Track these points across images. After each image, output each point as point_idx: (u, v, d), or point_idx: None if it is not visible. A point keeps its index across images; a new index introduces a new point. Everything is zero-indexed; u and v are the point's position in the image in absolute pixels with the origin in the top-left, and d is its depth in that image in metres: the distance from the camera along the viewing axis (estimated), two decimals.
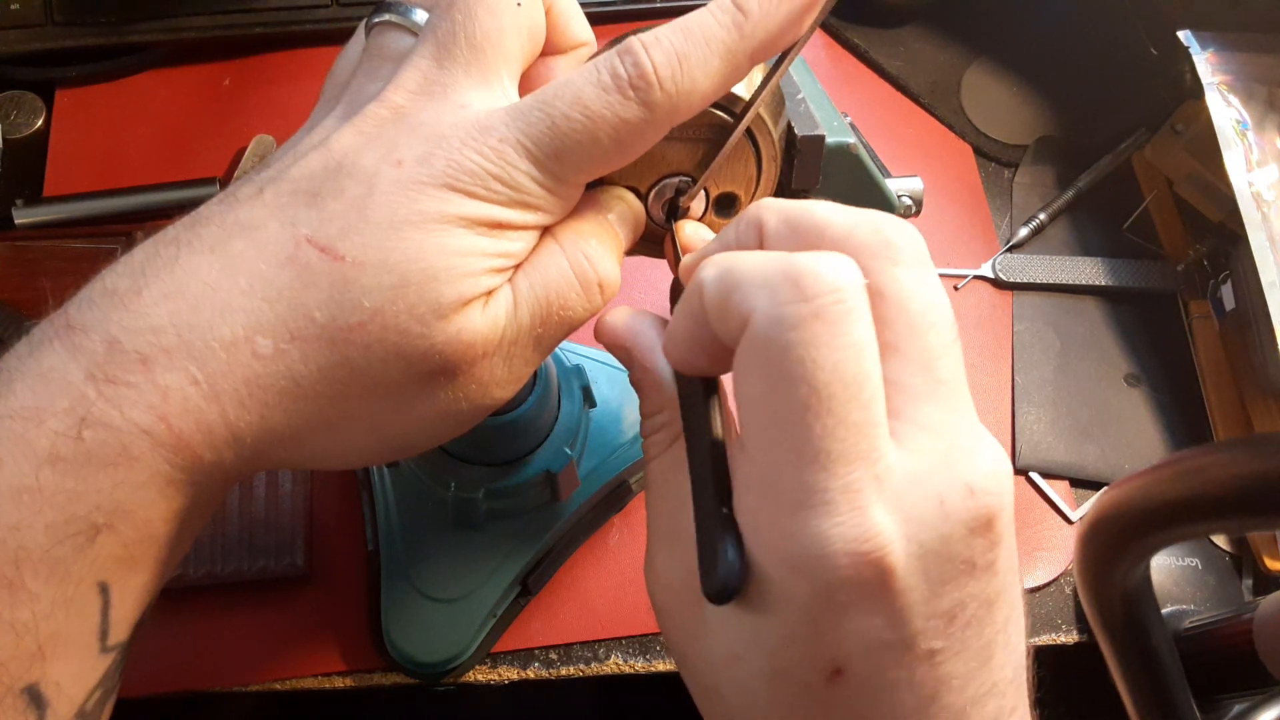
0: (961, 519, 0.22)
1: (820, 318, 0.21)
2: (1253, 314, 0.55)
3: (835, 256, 0.22)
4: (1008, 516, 0.23)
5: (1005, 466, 0.24)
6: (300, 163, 0.26)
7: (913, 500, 0.22)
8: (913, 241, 0.24)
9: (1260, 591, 0.54)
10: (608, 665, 0.50)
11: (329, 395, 0.26)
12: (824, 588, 0.22)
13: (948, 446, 0.23)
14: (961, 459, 0.23)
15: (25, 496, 0.23)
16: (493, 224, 0.26)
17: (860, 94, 0.69)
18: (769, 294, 0.22)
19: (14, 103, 0.63)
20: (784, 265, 0.22)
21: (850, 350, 0.21)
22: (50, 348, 0.24)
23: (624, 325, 0.29)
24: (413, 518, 0.48)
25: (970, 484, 0.22)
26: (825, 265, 0.22)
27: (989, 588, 0.23)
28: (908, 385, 0.23)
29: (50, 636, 0.24)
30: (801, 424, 0.21)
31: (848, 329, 0.21)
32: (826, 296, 0.21)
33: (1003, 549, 0.23)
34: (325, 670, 0.48)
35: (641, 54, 0.26)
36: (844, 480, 0.21)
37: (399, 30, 0.29)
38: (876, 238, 0.24)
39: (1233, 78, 0.58)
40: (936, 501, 0.22)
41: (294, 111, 0.65)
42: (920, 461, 0.22)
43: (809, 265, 0.22)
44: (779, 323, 0.21)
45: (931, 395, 0.23)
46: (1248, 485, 0.32)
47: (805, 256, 0.22)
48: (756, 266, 0.23)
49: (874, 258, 0.24)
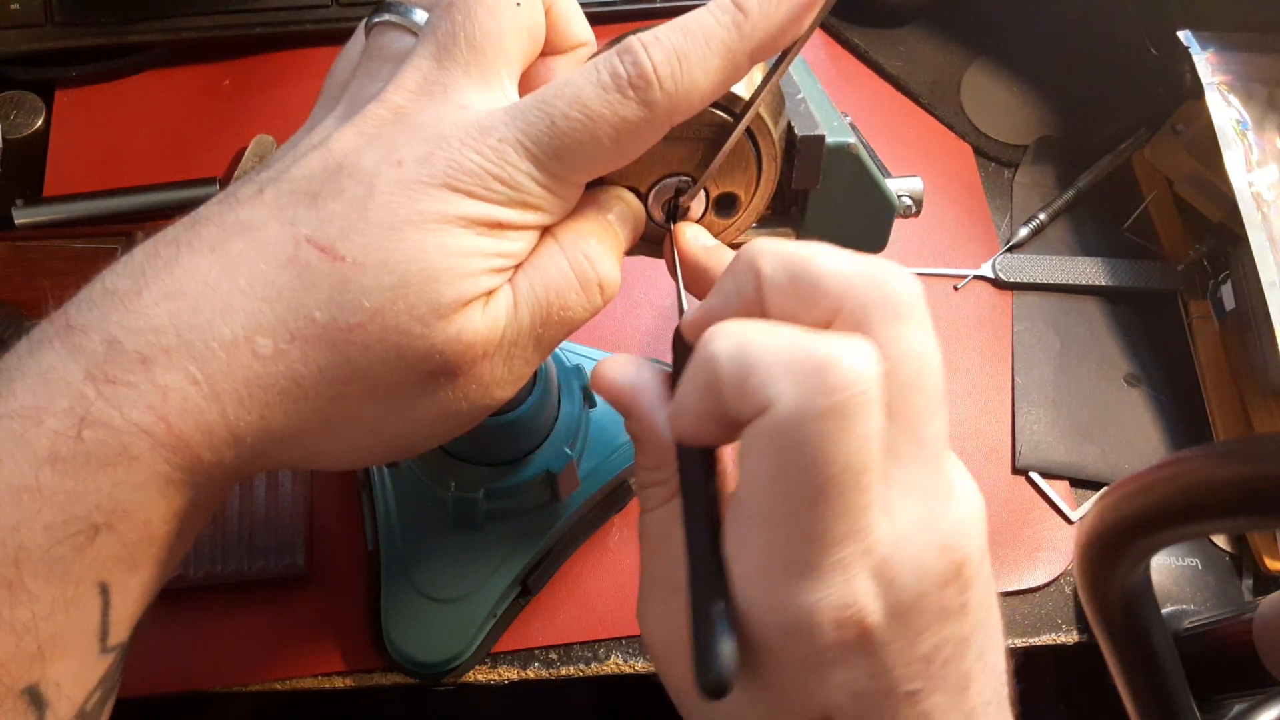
0: (934, 576, 0.23)
1: (842, 413, 0.21)
2: (1253, 314, 0.55)
3: (857, 345, 0.22)
4: (977, 559, 0.24)
5: (974, 511, 0.25)
6: (300, 163, 0.26)
7: (893, 566, 0.23)
8: (911, 295, 0.24)
9: (1260, 591, 0.54)
10: (608, 665, 0.50)
11: (329, 395, 0.26)
12: (812, 649, 0.23)
13: (924, 508, 0.24)
14: (934, 520, 0.24)
15: (25, 497, 0.23)
16: (493, 224, 0.26)
17: (860, 94, 0.69)
18: (793, 385, 0.22)
19: (14, 103, 0.63)
20: (808, 354, 0.22)
21: (864, 440, 0.22)
22: (50, 348, 0.24)
23: (625, 381, 0.28)
24: (413, 518, 0.48)
25: (942, 543, 0.23)
26: (849, 357, 0.22)
27: (963, 627, 0.24)
28: (895, 448, 0.24)
29: (50, 637, 0.24)
30: (808, 509, 0.22)
31: (865, 421, 0.22)
32: (849, 390, 0.21)
33: (974, 590, 0.24)
34: (325, 670, 0.48)
35: (641, 53, 0.26)
36: (837, 557, 0.22)
37: (399, 30, 0.29)
38: (876, 293, 0.24)
39: (1233, 78, 0.58)
40: (913, 563, 0.23)
41: (294, 111, 0.65)
42: (902, 527, 0.23)
43: (833, 356, 0.22)
44: (802, 416, 0.21)
45: (914, 457, 0.24)
46: (1247, 485, 0.32)
47: (829, 344, 0.22)
48: (777, 349, 0.22)
49: (871, 315, 0.23)
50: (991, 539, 0.56)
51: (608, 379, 0.28)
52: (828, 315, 0.24)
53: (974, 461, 0.56)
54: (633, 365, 0.28)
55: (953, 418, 0.57)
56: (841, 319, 0.24)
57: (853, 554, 0.22)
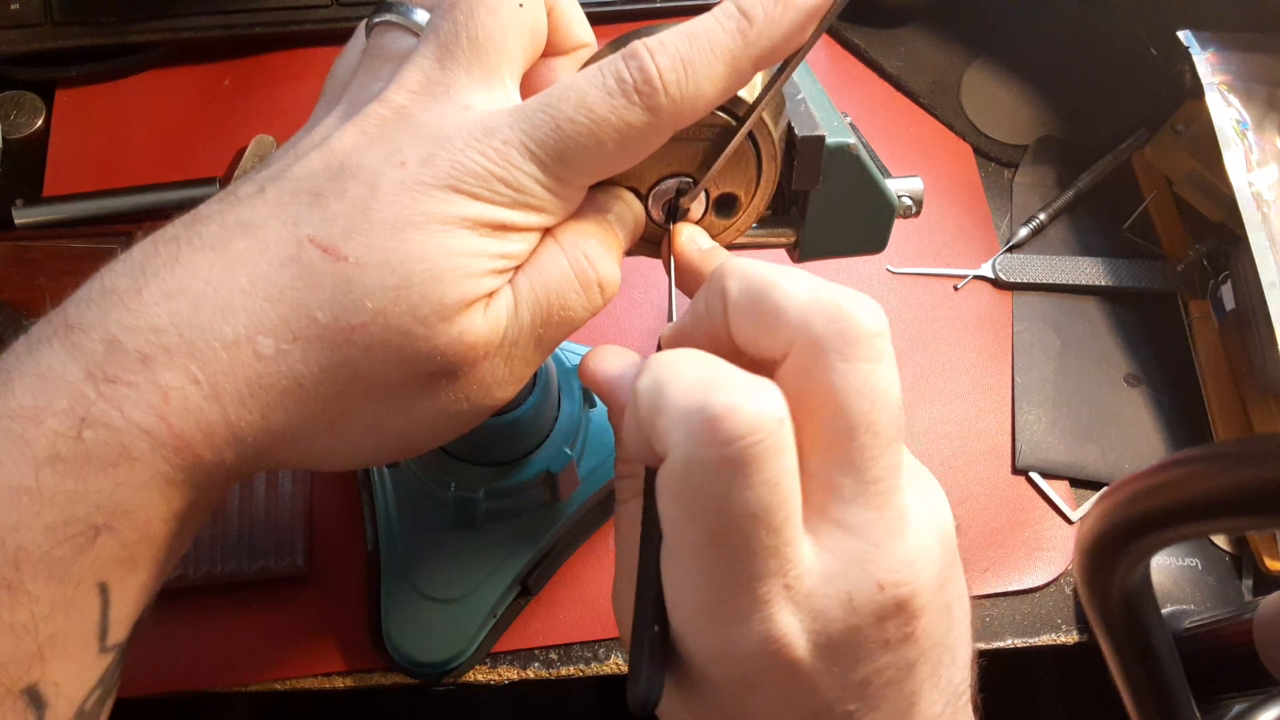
0: (869, 611, 0.23)
1: (732, 462, 0.21)
2: (1253, 314, 0.55)
3: (759, 393, 0.22)
4: (929, 590, 0.24)
5: (929, 541, 0.25)
6: (301, 162, 0.26)
7: (821, 600, 0.23)
8: (870, 330, 0.24)
9: (1260, 591, 0.54)
10: (608, 665, 0.50)
11: (330, 395, 0.26)
12: (739, 675, 0.24)
13: (865, 547, 0.24)
14: (876, 557, 0.24)
15: (25, 497, 0.23)
16: (496, 225, 0.26)
17: (860, 94, 0.69)
18: (685, 433, 0.22)
19: (14, 103, 0.63)
20: (703, 404, 0.22)
21: (761, 488, 0.22)
22: (49, 347, 0.24)
23: (606, 372, 0.29)
24: (413, 518, 0.48)
25: (881, 580, 0.23)
26: (745, 406, 0.21)
27: (908, 654, 0.24)
28: (836, 485, 0.24)
29: (49, 637, 0.24)
30: (714, 550, 0.22)
31: (760, 468, 0.22)
32: (741, 441, 0.21)
33: (922, 621, 0.24)
34: (325, 670, 0.48)
35: (647, 59, 0.26)
36: (754, 594, 0.23)
37: (400, 30, 0.29)
38: (833, 327, 0.23)
39: (1233, 78, 0.57)
40: (844, 599, 0.23)
41: (294, 111, 0.65)
42: (834, 563, 0.23)
43: (729, 406, 0.21)
44: (690, 465, 0.22)
45: (858, 496, 0.24)
46: (1248, 486, 0.32)
47: (728, 393, 0.22)
48: (680, 395, 0.22)
49: (826, 349, 0.23)
50: (991, 539, 0.56)
51: (591, 368, 0.29)
52: (785, 345, 0.24)
53: (974, 461, 0.56)
54: (616, 356, 0.29)
55: (953, 418, 0.57)
56: (796, 350, 0.24)
57: (772, 591, 0.23)
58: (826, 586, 0.23)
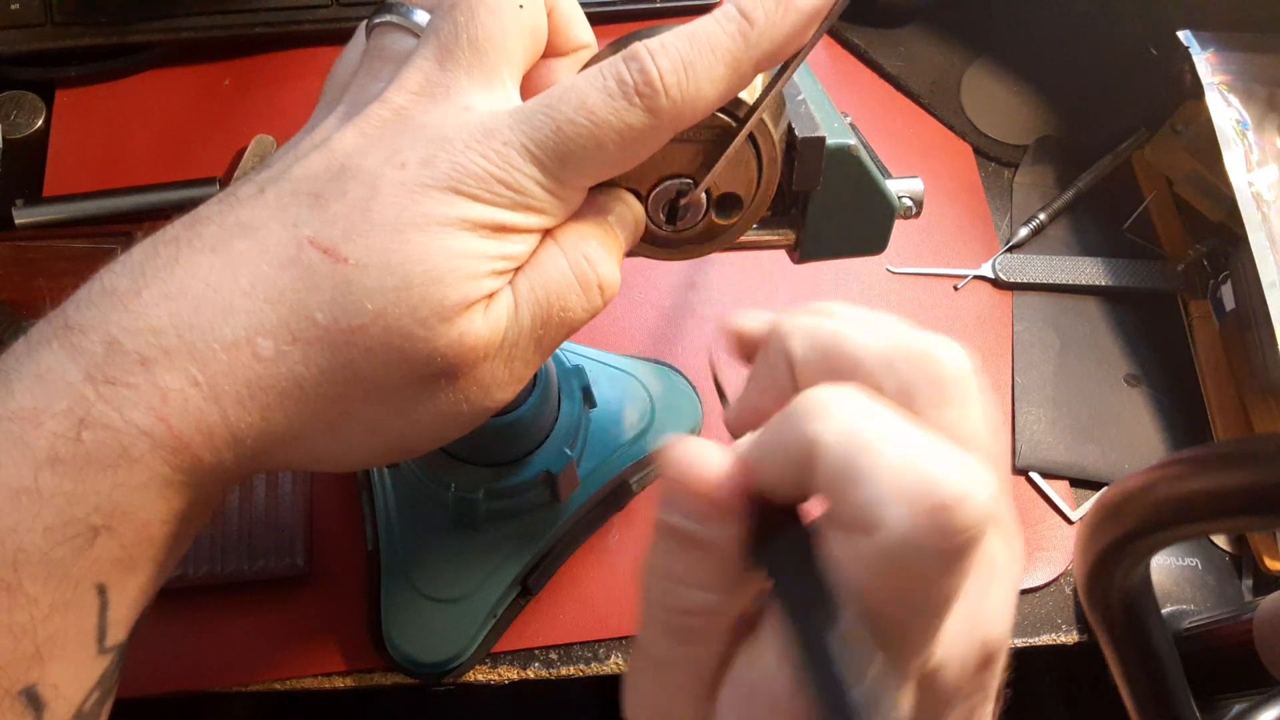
0: (970, 670, 0.22)
1: (956, 555, 0.19)
2: (1253, 314, 0.55)
3: (980, 480, 0.19)
4: (1007, 640, 0.23)
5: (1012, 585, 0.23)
6: (301, 163, 0.26)
7: (940, 674, 0.21)
8: (958, 373, 0.22)
9: (1260, 591, 0.54)
10: (608, 665, 0.50)
11: (330, 397, 0.26)
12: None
13: (970, 602, 0.22)
14: (979, 612, 0.22)
15: (24, 499, 0.23)
16: (496, 227, 0.26)
17: (860, 94, 0.69)
18: (908, 515, 0.19)
19: (14, 103, 0.63)
20: (931, 486, 0.19)
21: (966, 575, 0.20)
22: (49, 348, 0.24)
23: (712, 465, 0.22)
24: (413, 518, 0.48)
25: (985, 638, 0.22)
26: (977, 494, 0.19)
27: (973, 703, 0.23)
28: None
29: (48, 639, 0.24)
30: (895, 631, 0.20)
31: (973, 558, 0.19)
32: (967, 534, 0.19)
33: (996, 671, 0.23)
34: (325, 670, 0.48)
35: (648, 61, 0.26)
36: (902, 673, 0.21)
37: (400, 31, 0.29)
38: (920, 373, 0.21)
39: (1233, 78, 0.57)
40: (959, 666, 0.22)
41: (294, 111, 0.65)
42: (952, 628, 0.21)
43: (958, 495, 0.18)
44: (910, 551, 0.19)
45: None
46: (1247, 486, 0.32)
47: (953, 477, 0.19)
48: (892, 467, 0.19)
49: (916, 399, 0.21)
50: None
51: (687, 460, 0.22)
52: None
53: None
54: (716, 451, 0.22)
55: None
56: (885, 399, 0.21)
57: (912, 672, 0.21)
58: (946, 654, 0.21)
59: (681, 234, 0.33)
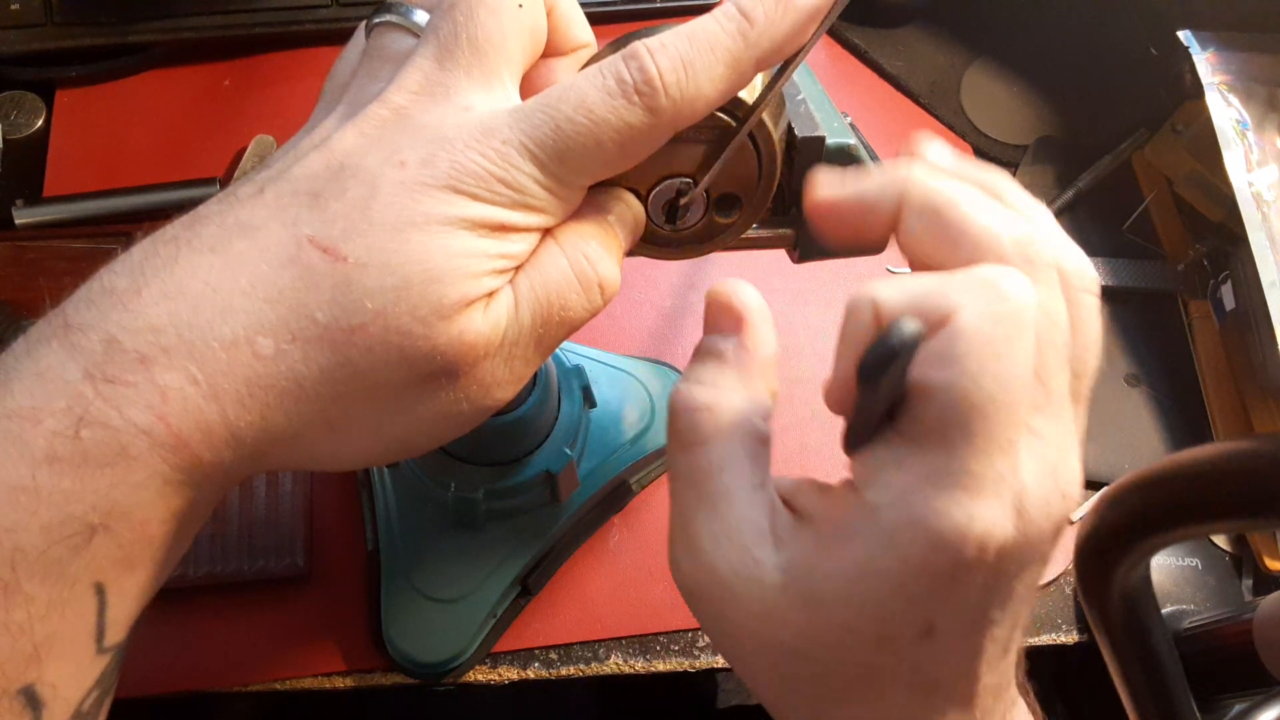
0: (1052, 520, 0.24)
1: (1016, 321, 0.23)
2: (1253, 314, 0.55)
3: (1019, 273, 0.24)
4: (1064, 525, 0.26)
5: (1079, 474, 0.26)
6: (301, 163, 0.26)
7: (1028, 500, 0.24)
8: (1050, 260, 0.25)
9: (1260, 591, 0.54)
10: (608, 665, 0.50)
11: (330, 396, 0.26)
12: (950, 559, 0.23)
13: (1053, 455, 0.25)
14: (1060, 468, 0.25)
15: (22, 497, 0.23)
16: (496, 226, 0.26)
17: (860, 94, 0.69)
18: (977, 294, 0.23)
19: (14, 103, 0.63)
20: (984, 271, 0.24)
21: (1027, 358, 0.23)
22: (48, 347, 0.24)
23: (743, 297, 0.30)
24: (413, 518, 0.48)
25: (1064, 492, 0.25)
26: (1017, 276, 0.24)
27: (1039, 575, 0.26)
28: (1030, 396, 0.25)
29: (46, 638, 0.24)
30: (980, 419, 0.23)
31: (1028, 336, 0.23)
32: (1021, 300, 0.23)
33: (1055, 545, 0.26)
34: (325, 670, 0.48)
35: (647, 60, 0.26)
36: (997, 470, 0.23)
37: (400, 31, 0.29)
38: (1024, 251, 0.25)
39: (1233, 78, 0.57)
40: (1043, 505, 0.24)
41: (294, 111, 0.65)
42: (1035, 467, 0.24)
43: (1005, 272, 0.24)
44: (983, 320, 0.23)
45: (1045, 406, 0.25)
46: (1248, 485, 0.32)
47: (996, 268, 0.24)
48: (951, 275, 0.24)
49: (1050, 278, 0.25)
50: None
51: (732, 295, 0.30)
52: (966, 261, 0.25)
53: None
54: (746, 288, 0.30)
55: None
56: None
57: (1006, 474, 0.23)
58: (1033, 487, 0.24)
59: (681, 234, 0.33)
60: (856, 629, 0.24)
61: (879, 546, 0.24)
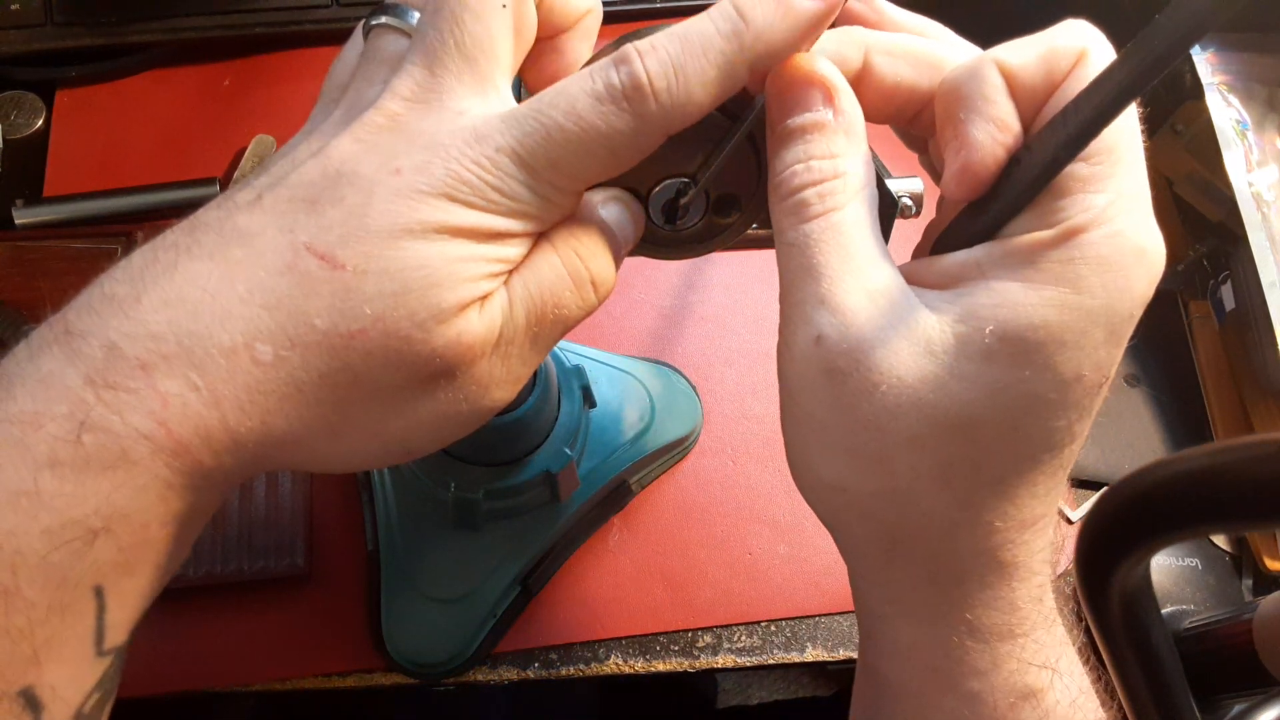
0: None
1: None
2: (1253, 314, 0.55)
3: None
4: None
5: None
6: (298, 170, 0.26)
7: (1084, 268, 0.26)
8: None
9: (1260, 591, 0.54)
10: (608, 665, 0.50)
11: (330, 401, 0.26)
12: (1152, 277, 0.26)
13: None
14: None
15: (23, 501, 0.23)
16: (490, 233, 0.26)
17: None
18: (1091, 33, 0.30)
19: (14, 103, 0.63)
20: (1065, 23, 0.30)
21: None
22: (49, 353, 0.24)
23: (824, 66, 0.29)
24: (413, 518, 0.48)
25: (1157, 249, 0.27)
26: None
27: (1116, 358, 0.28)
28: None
29: (45, 641, 0.24)
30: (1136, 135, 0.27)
31: None
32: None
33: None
34: (325, 670, 0.48)
35: (636, 63, 0.25)
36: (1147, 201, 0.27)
37: (396, 34, 0.29)
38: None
39: (1233, 78, 0.57)
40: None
41: (294, 111, 0.65)
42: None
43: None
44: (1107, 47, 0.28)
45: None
46: (1247, 485, 0.32)
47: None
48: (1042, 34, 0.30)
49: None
50: None
51: (806, 68, 0.28)
52: None
53: None
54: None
55: None
56: None
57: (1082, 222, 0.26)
58: (1087, 269, 0.25)
59: (681, 234, 0.33)
60: (1053, 367, 0.25)
61: (1089, 266, 0.25)
